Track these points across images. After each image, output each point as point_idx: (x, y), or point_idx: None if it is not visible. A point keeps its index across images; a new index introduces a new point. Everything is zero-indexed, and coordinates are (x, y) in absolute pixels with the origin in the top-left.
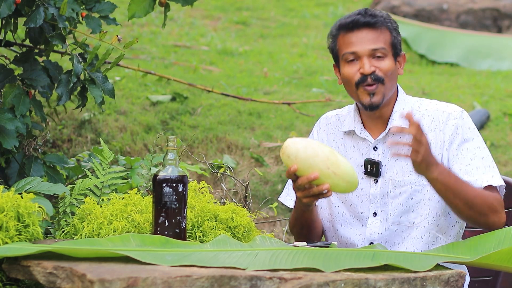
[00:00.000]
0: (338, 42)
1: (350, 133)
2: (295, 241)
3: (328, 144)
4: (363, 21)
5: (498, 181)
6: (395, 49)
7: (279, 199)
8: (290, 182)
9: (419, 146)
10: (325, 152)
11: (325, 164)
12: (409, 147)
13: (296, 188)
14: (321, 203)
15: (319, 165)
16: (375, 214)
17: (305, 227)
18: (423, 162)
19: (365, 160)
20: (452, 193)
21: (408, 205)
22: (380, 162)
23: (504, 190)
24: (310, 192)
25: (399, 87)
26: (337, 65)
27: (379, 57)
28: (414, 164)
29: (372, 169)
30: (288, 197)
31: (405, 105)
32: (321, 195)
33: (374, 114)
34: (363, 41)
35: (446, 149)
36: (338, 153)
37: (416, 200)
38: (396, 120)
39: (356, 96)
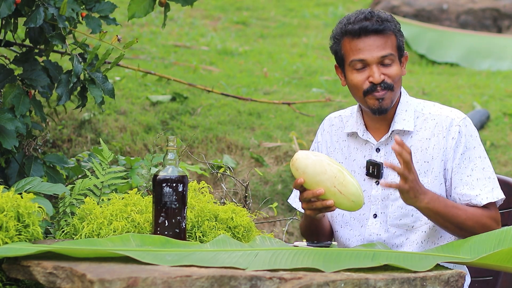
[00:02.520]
0: (344, 47)
1: (353, 134)
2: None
3: (331, 145)
4: (372, 29)
5: (497, 194)
6: (400, 51)
7: (288, 201)
8: None
9: (408, 173)
10: (333, 171)
11: (332, 182)
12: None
13: (301, 199)
14: None
15: (325, 182)
16: (375, 216)
17: (314, 233)
18: (411, 190)
19: (367, 162)
20: (442, 219)
21: (407, 208)
22: (382, 163)
23: (502, 201)
24: (314, 205)
25: (402, 89)
26: (340, 67)
27: (388, 63)
28: (402, 193)
29: (374, 170)
30: (296, 199)
31: (408, 107)
32: (324, 209)
33: (378, 116)
34: (371, 48)
35: (448, 158)
36: (348, 172)
37: None
38: (399, 123)
39: (364, 102)
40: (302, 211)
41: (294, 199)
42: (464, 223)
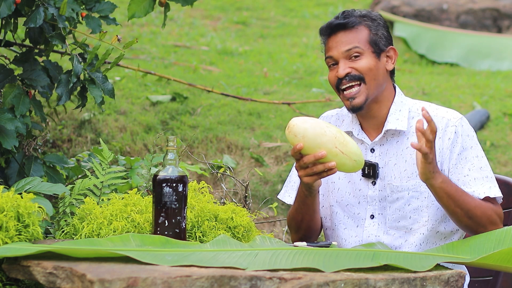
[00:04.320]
0: (324, 48)
1: (349, 134)
2: (293, 239)
3: None
4: (336, 24)
5: (495, 192)
6: (375, 45)
7: (278, 196)
8: (288, 180)
9: (430, 151)
10: (332, 132)
11: (333, 143)
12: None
13: (299, 167)
14: (322, 201)
15: (326, 144)
16: (372, 217)
17: (305, 219)
18: (432, 164)
19: None
20: (454, 202)
21: (405, 211)
22: (377, 164)
23: (501, 200)
24: (314, 169)
25: (397, 89)
26: None
27: (355, 56)
28: (424, 162)
29: (370, 171)
30: (287, 194)
31: (402, 107)
32: (324, 173)
33: (366, 114)
34: (338, 44)
35: (445, 159)
36: (345, 133)
37: (413, 206)
38: (392, 123)
39: (341, 100)
40: (291, 203)
41: (284, 194)
42: (473, 210)
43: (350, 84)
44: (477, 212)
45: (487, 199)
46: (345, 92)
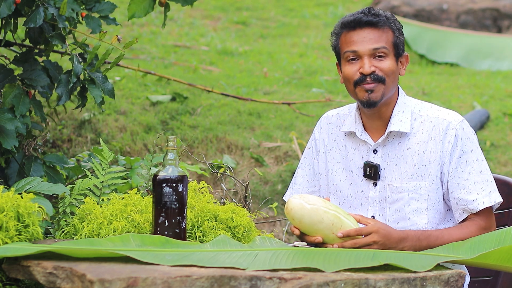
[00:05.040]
0: (340, 41)
1: (351, 134)
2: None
3: (329, 144)
4: (366, 20)
5: (495, 198)
6: (397, 49)
7: (283, 198)
8: (293, 181)
9: (369, 246)
10: (330, 218)
11: (330, 229)
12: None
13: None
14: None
15: (323, 231)
16: (373, 217)
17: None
18: (381, 247)
19: (364, 164)
20: (431, 248)
21: (404, 212)
22: (379, 165)
23: (499, 204)
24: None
25: (400, 89)
26: (339, 62)
27: (380, 56)
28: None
29: (371, 172)
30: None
31: (405, 109)
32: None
33: (374, 114)
34: (364, 40)
35: (444, 162)
36: (343, 212)
37: (412, 208)
38: (395, 124)
39: (355, 94)
40: None
41: (290, 196)
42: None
43: (374, 84)
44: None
45: (476, 213)
46: (365, 85)
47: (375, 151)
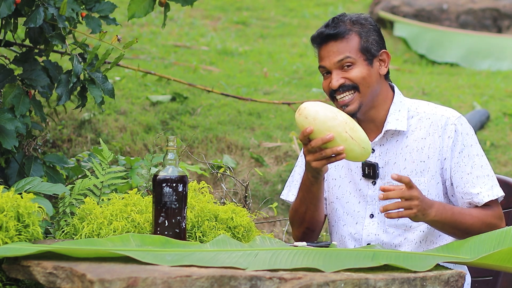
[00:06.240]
0: (317, 56)
1: None
2: (295, 236)
3: None
4: (326, 34)
5: (497, 192)
6: (367, 52)
7: (280, 197)
8: (291, 179)
9: (410, 202)
10: (343, 116)
11: (343, 127)
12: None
13: (307, 151)
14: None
15: (336, 128)
16: (372, 216)
17: (309, 209)
18: (419, 212)
19: (362, 163)
20: (450, 227)
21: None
22: (377, 164)
23: (502, 198)
24: (322, 154)
25: (396, 89)
26: None
27: (348, 66)
28: (411, 218)
29: (370, 171)
30: (290, 193)
31: (401, 107)
32: (333, 157)
33: (364, 119)
34: (329, 55)
35: (446, 158)
36: (355, 121)
37: None
38: (392, 123)
39: (336, 106)
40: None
41: (287, 194)
42: (471, 227)
43: (345, 94)
44: (476, 226)
45: (487, 203)
46: (338, 100)
47: (372, 150)
